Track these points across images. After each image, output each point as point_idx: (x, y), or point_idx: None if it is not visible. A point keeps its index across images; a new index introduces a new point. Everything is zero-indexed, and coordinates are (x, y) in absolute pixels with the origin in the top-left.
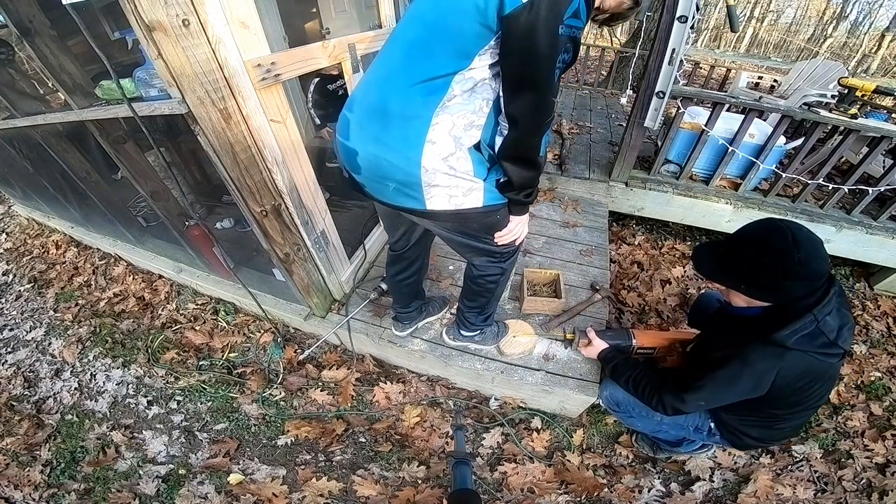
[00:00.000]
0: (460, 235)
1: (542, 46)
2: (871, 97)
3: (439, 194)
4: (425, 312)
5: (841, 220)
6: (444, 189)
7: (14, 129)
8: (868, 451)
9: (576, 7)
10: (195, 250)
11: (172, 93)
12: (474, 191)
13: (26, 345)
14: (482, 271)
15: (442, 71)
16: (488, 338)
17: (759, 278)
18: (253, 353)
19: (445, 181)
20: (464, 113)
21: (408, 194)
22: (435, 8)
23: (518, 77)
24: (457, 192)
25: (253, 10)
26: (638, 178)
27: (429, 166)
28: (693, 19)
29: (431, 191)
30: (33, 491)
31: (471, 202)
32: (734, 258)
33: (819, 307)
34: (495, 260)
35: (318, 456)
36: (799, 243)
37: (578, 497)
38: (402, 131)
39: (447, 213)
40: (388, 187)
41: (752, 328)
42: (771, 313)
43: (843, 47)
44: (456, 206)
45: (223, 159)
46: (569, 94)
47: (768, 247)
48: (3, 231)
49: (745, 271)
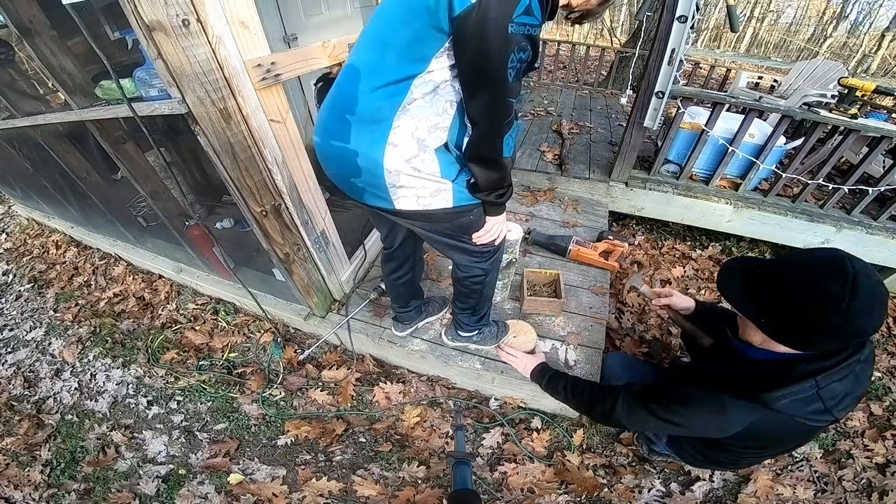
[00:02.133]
0: (437, 234)
1: (492, 46)
2: (871, 97)
3: (406, 195)
4: (425, 312)
5: (841, 220)
6: (410, 190)
7: (14, 129)
8: (868, 451)
9: (526, 5)
10: (195, 250)
11: (172, 93)
12: (443, 192)
13: (26, 345)
14: (465, 272)
15: (400, 75)
16: (487, 338)
17: (786, 318)
18: (253, 353)
19: (411, 182)
20: (426, 115)
21: (376, 195)
22: (391, 11)
23: (473, 78)
24: (424, 192)
25: (253, 10)
26: (638, 178)
27: (391, 168)
28: (693, 19)
29: (398, 192)
30: (33, 491)
31: (440, 203)
32: (767, 282)
33: (827, 374)
34: (476, 260)
35: (318, 456)
36: (857, 290)
37: (578, 497)
38: (364, 134)
39: (417, 213)
40: (358, 187)
41: (747, 375)
42: (775, 367)
43: (843, 47)
44: (424, 207)
45: (223, 159)
46: (569, 94)
47: (815, 283)
48: (3, 231)
49: (772, 303)
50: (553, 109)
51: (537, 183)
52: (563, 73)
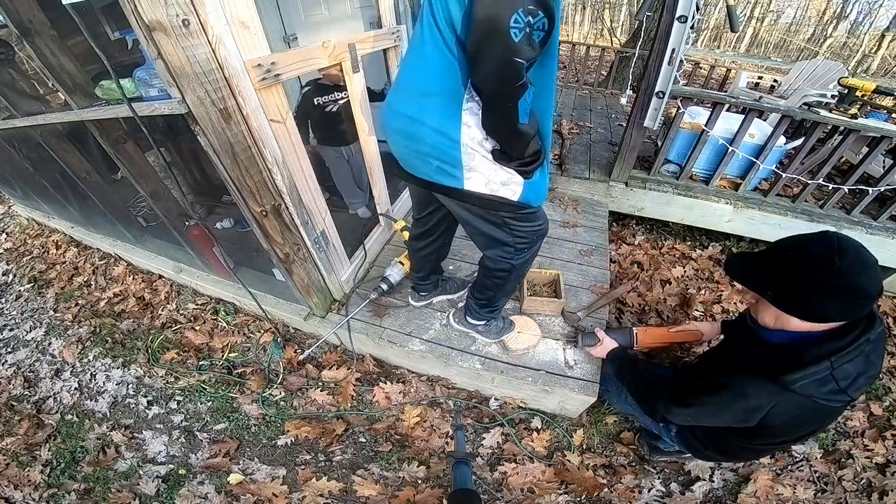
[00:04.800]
0: (483, 222)
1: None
2: (871, 97)
3: (478, 178)
4: (441, 289)
5: (841, 220)
6: (482, 174)
7: (14, 129)
8: (868, 451)
9: None
10: (195, 250)
11: (172, 93)
12: (513, 183)
13: (26, 345)
14: (494, 264)
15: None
16: (492, 331)
17: (787, 284)
18: (253, 353)
19: (485, 165)
20: None
21: (447, 172)
22: None
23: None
24: (495, 178)
25: (253, 10)
26: (638, 178)
27: (467, 143)
28: (693, 19)
29: (471, 172)
30: (33, 491)
31: (506, 193)
32: (766, 260)
33: (840, 354)
34: (508, 255)
35: (318, 456)
36: (843, 252)
37: (578, 497)
38: (436, 109)
39: (480, 196)
40: (430, 163)
41: (766, 359)
42: (791, 350)
43: (843, 47)
44: (492, 192)
45: (223, 159)
46: (569, 94)
47: (806, 250)
48: (3, 231)
49: (773, 274)
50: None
51: None
52: (563, 73)
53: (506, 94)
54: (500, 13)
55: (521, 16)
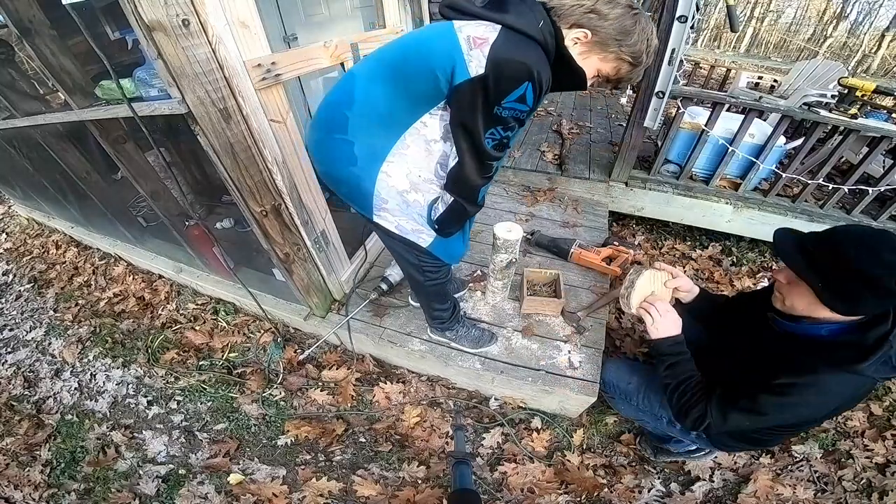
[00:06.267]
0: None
1: (476, 118)
2: (871, 97)
3: (388, 218)
4: None
5: (841, 220)
6: (394, 217)
7: (14, 129)
8: (868, 451)
9: (521, 93)
10: (195, 250)
11: (172, 93)
12: (423, 235)
13: (26, 345)
14: (410, 279)
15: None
16: (463, 341)
17: (846, 284)
18: (253, 353)
19: (398, 212)
20: (421, 167)
21: (360, 203)
22: (404, 54)
23: (456, 133)
24: (406, 225)
25: (253, 10)
26: (638, 178)
27: (382, 194)
28: (693, 19)
29: (382, 212)
30: (33, 491)
31: (414, 238)
32: (825, 252)
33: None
34: (419, 276)
35: (318, 456)
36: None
37: (578, 497)
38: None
39: (389, 231)
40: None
41: (825, 352)
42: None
43: (843, 47)
44: (401, 233)
45: (223, 159)
46: (569, 93)
47: (878, 254)
48: (3, 231)
49: (832, 270)
50: (553, 109)
51: (537, 183)
52: None
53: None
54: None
55: (497, 130)
